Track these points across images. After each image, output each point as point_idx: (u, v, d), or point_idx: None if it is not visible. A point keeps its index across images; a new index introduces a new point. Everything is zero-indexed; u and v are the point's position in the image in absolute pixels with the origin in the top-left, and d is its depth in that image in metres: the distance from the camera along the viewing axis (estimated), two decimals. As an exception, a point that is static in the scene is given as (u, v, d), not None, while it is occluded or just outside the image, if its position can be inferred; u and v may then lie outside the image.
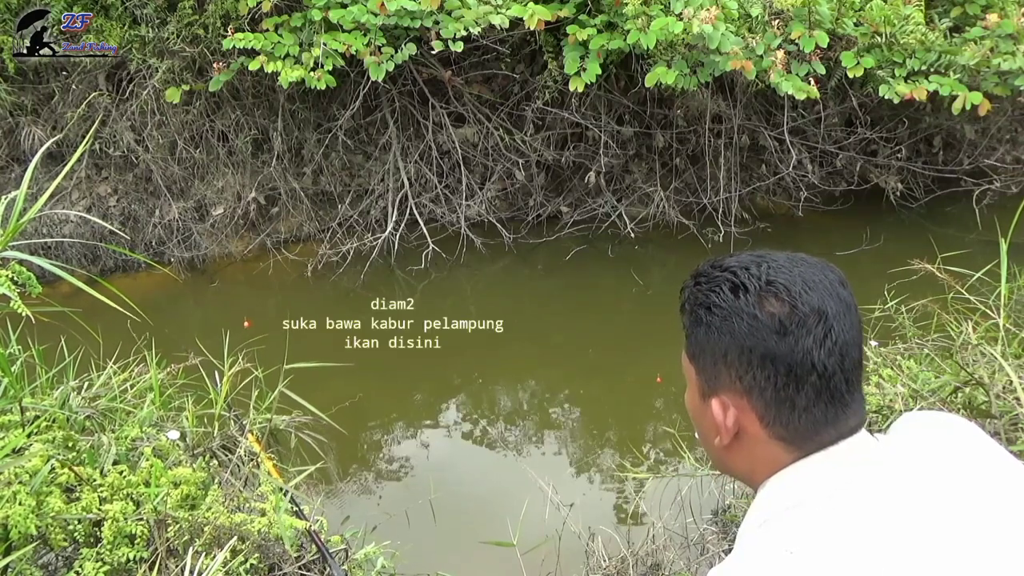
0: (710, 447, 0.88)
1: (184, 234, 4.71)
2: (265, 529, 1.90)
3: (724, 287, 0.80)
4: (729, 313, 0.79)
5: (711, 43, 3.74)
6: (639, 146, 5.08)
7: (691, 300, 0.84)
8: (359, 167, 5.00)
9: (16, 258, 1.90)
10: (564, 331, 4.28)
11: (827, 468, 0.78)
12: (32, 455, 1.89)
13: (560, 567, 2.53)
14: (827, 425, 0.78)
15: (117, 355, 2.64)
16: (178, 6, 4.21)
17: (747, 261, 0.81)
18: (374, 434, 3.49)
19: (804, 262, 0.81)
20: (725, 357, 0.80)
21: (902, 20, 4.06)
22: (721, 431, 0.82)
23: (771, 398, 0.78)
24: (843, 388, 0.78)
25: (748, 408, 0.80)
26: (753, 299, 0.78)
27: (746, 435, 0.82)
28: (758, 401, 0.79)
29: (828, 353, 0.76)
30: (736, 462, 0.85)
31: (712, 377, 0.82)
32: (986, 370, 2.16)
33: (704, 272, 0.83)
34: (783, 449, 0.80)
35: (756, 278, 0.79)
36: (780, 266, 0.79)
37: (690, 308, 0.84)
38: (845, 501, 0.75)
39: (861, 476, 0.77)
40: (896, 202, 5.04)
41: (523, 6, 4.02)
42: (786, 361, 0.76)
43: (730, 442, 0.83)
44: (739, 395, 0.80)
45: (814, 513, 0.75)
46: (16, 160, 4.58)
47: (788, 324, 0.76)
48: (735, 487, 2.66)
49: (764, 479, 0.82)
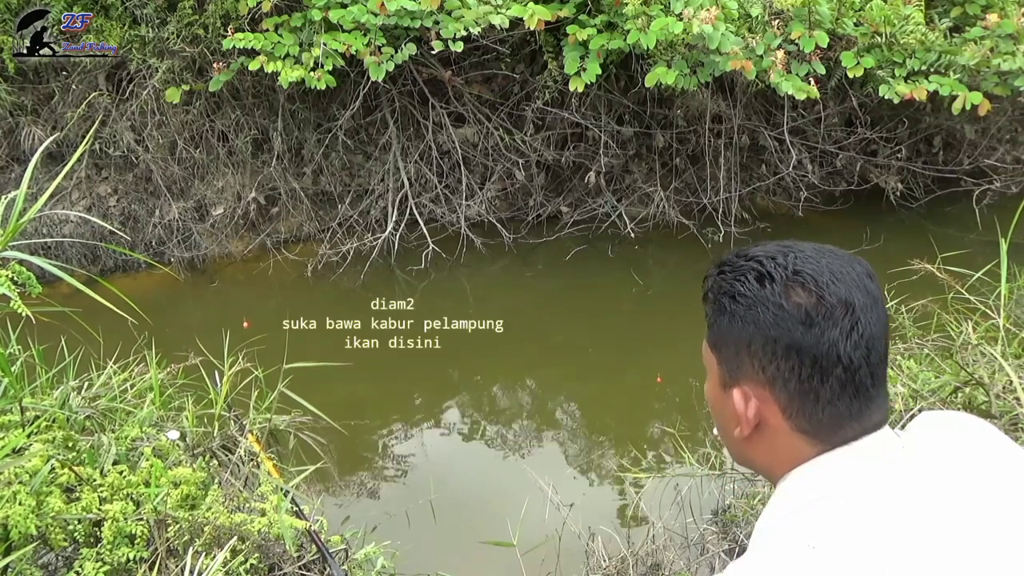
0: (729, 438, 0.87)
1: (184, 234, 4.71)
2: (265, 529, 1.90)
3: (750, 276, 0.79)
4: (754, 302, 0.78)
5: (711, 43, 3.74)
6: (639, 146, 5.08)
7: (715, 289, 0.83)
8: (359, 167, 5.00)
9: (16, 258, 1.90)
10: (564, 331, 4.28)
11: (851, 463, 0.77)
12: (32, 455, 1.89)
13: (560, 567, 2.53)
14: (850, 419, 0.77)
15: (117, 355, 2.64)
16: (178, 6, 4.21)
17: (774, 251, 0.80)
18: (374, 434, 3.49)
19: (831, 253, 0.80)
20: (749, 347, 0.79)
21: (902, 20, 4.06)
22: (742, 422, 0.82)
23: (795, 389, 0.77)
24: (868, 382, 0.77)
25: (770, 399, 0.79)
26: (779, 289, 0.77)
27: (767, 427, 0.81)
28: (781, 392, 0.78)
29: (854, 346, 0.75)
30: (756, 454, 0.84)
31: (734, 367, 0.81)
32: (986, 370, 2.16)
33: (729, 261, 0.83)
34: (805, 442, 0.79)
35: (783, 268, 0.78)
36: (807, 256, 0.78)
37: (714, 297, 0.83)
38: (869, 497, 0.74)
39: (886, 472, 0.76)
40: (896, 202, 5.04)
41: (523, 6, 4.02)
42: (811, 352, 0.76)
43: (751, 434, 0.82)
44: (762, 386, 0.79)
45: (837, 508, 0.74)
46: (16, 160, 4.58)
47: (814, 315, 0.75)
48: (735, 487, 2.66)
49: (785, 472, 0.81)
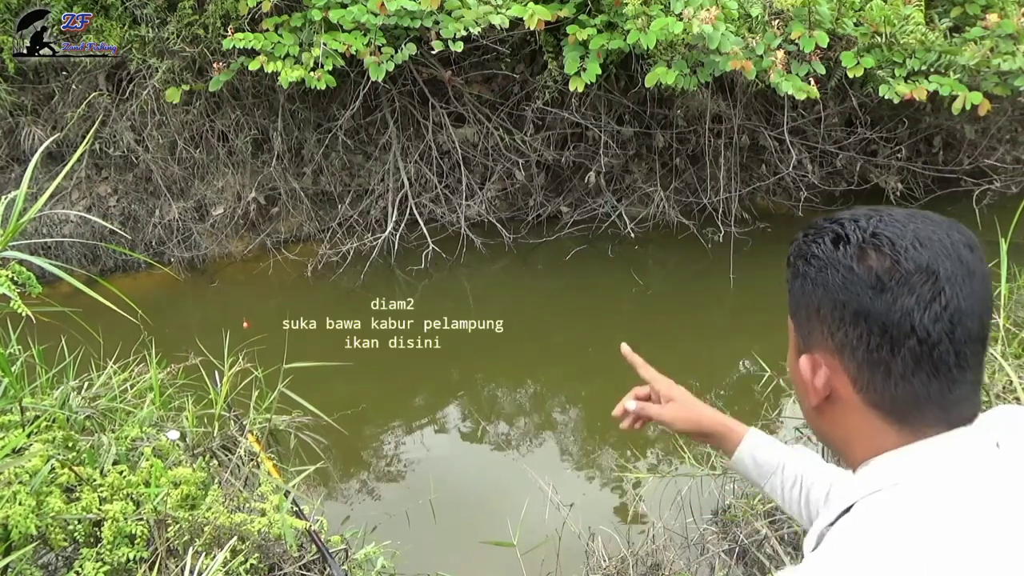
0: (804, 410, 0.83)
1: (184, 234, 4.71)
2: (265, 529, 1.90)
3: (826, 238, 0.75)
4: (825, 264, 0.74)
5: (711, 43, 3.74)
6: (639, 146, 5.08)
7: (794, 252, 0.80)
8: (359, 167, 5.00)
9: (16, 258, 1.90)
10: (564, 331, 4.28)
11: (938, 455, 0.71)
12: (32, 455, 1.89)
13: (560, 567, 2.53)
14: (929, 401, 0.72)
15: (117, 355, 2.64)
16: (178, 6, 4.21)
17: (859, 214, 0.76)
18: (374, 434, 3.49)
19: (925, 219, 0.74)
20: (818, 311, 0.75)
21: (902, 20, 4.06)
22: (809, 390, 0.78)
23: (863, 359, 0.73)
24: (951, 361, 0.70)
25: (840, 369, 0.75)
26: (853, 251, 0.73)
27: (839, 399, 0.77)
28: (850, 362, 0.74)
29: (934, 318, 0.69)
30: (830, 428, 0.80)
31: (806, 333, 0.78)
32: (986, 370, 2.16)
33: (814, 224, 0.79)
34: (881, 420, 0.74)
35: (861, 230, 0.73)
36: (893, 220, 0.73)
37: (792, 260, 0.80)
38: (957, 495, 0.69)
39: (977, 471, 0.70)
40: (896, 202, 5.03)
41: (523, 6, 4.02)
42: (880, 320, 0.71)
43: (822, 405, 0.78)
44: (831, 354, 0.75)
45: (922, 504, 0.68)
46: (16, 160, 4.58)
47: (886, 280, 0.70)
48: (735, 487, 2.66)
49: (863, 456, 0.76)
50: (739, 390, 3.67)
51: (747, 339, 4.02)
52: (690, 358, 3.94)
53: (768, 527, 2.32)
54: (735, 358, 3.88)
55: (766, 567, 2.24)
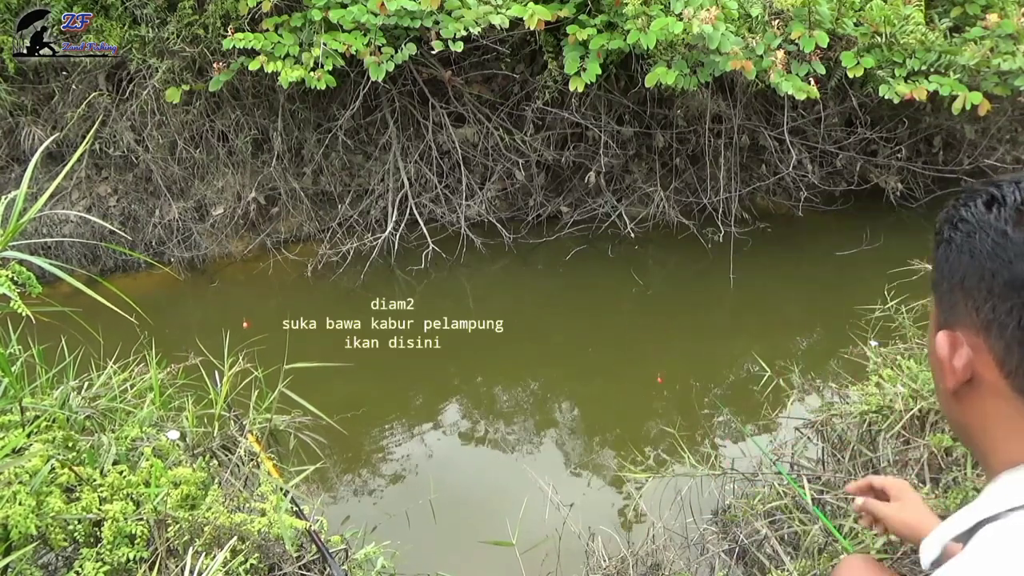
0: (940, 396, 0.73)
1: (184, 234, 4.71)
2: (265, 529, 1.90)
3: (979, 200, 0.66)
4: (975, 228, 0.65)
5: (711, 43, 3.74)
6: (639, 146, 5.08)
7: (942, 218, 0.71)
8: (359, 167, 5.00)
9: (16, 258, 1.90)
10: (564, 331, 4.28)
11: None
12: (32, 455, 1.89)
13: (560, 567, 2.53)
14: None
15: (117, 355, 2.64)
16: (178, 6, 4.21)
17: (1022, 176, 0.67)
18: (374, 434, 3.49)
19: None
20: (963, 283, 0.66)
21: (902, 20, 4.06)
22: (946, 371, 0.68)
23: (1013, 338, 0.63)
24: None
25: (985, 349, 0.66)
26: (1009, 213, 0.64)
27: (982, 383, 0.67)
28: (997, 341, 0.64)
29: None
30: (968, 416, 0.70)
31: (947, 307, 0.69)
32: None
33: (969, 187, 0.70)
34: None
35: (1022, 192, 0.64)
36: None
37: (939, 227, 0.71)
38: None
39: None
40: (896, 202, 5.04)
41: (523, 6, 4.02)
42: None
43: (961, 389, 0.68)
44: (976, 332, 0.66)
45: None
46: (16, 160, 4.58)
47: None
48: (735, 487, 2.66)
49: (1005, 454, 0.66)
50: (739, 390, 3.67)
51: (747, 339, 4.02)
52: (690, 358, 3.94)
53: (768, 527, 2.32)
54: (735, 358, 3.88)
55: (766, 567, 2.24)
